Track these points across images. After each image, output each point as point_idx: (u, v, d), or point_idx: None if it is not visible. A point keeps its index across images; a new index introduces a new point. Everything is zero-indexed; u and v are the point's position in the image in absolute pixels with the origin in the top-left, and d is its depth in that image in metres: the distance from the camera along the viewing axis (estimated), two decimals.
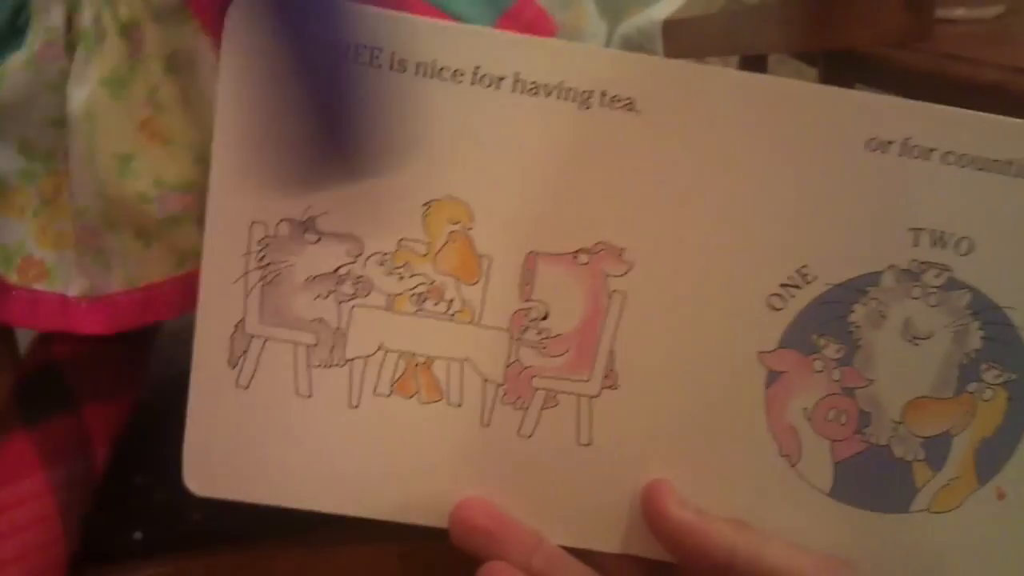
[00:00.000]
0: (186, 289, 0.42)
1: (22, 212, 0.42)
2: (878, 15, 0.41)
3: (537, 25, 0.44)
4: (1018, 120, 0.37)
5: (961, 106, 0.37)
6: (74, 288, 0.43)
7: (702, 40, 0.56)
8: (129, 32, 0.39)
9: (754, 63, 0.70)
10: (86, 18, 0.39)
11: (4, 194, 0.42)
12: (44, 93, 0.40)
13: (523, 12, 0.43)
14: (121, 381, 0.44)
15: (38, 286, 0.43)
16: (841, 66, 0.60)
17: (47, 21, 0.40)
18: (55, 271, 0.43)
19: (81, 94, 0.39)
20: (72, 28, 0.40)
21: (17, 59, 0.40)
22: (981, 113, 0.37)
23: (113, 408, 0.45)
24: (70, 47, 0.40)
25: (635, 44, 0.53)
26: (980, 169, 0.37)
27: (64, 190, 0.42)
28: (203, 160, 0.37)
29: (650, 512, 0.39)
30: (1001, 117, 0.37)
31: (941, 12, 0.38)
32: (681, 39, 0.54)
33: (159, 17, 0.39)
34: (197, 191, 0.40)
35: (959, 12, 0.77)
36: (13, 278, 0.42)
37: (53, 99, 0.40)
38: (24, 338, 0.50)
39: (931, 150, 0.37)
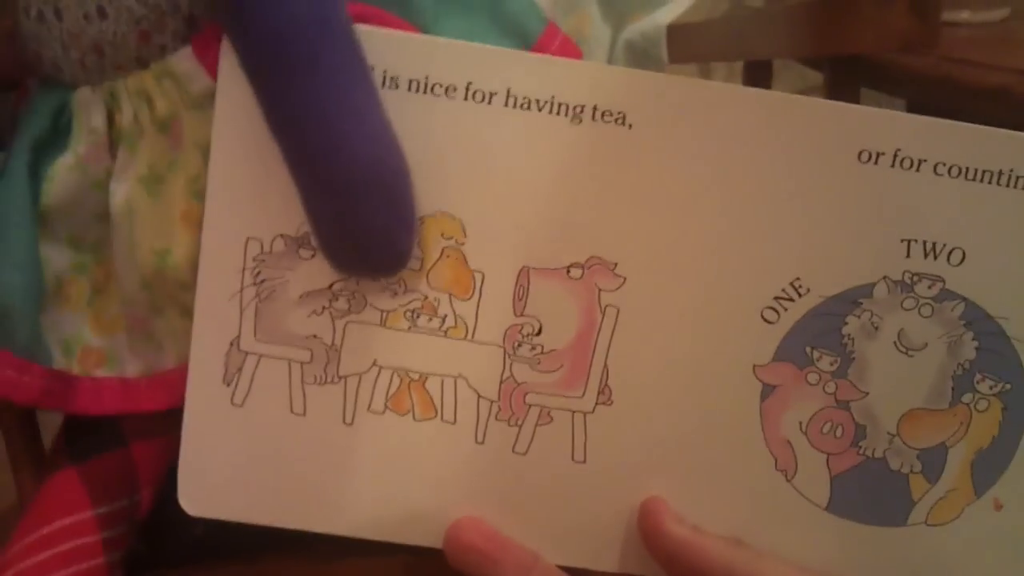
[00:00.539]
0: None
1: (76, 304, 0.43)
2: (884, 21, 0.41)
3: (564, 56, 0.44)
4: (1007, 131, 0.37)
5: (967, 109, 0.37)
6: (131, 370, 0.43)
7: (707, 45, 0.56)
8: (168, 126, 0.40)
9: (759, 68, 0.71)
10: (125, 117, 0.40)
11: (59, 289, 0.43)
12: (91, 191, 0.41)
13: (548, 46, 0.43)
14: (166, 419, 0.44)
15: (98, 373, 0.43)
16: (847, 71, 0.60)
17: (89, 122, 0.40)
18: (111, 356, 0.43)
19: (121, 191, 0.40)
20: (113, 127, 0.41)
21: (64, 162, 0.41)
22: (970, 124, 0.37)
23: (159, 446, 0.45)
24: (112, 146, 0.41)
25: (639, 49, 0.53)
26: (971, 179, 0.37)
27: (112, 278, 0.43)
28: None
29: (646, 529, 0.39)
30: (990, 128, 0.37)
31: (946, 16, 0.38)
32: (686, 44, 0.54)
33: (197, 106, 0.39)
34: None
35: (964, 15, 0.77)
36: (76, 369, 0.43)
37: (98, 195, 0.41)
38: None
39: (922, 161, 0.37)
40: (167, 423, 0.45)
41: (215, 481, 0.40)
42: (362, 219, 0.36)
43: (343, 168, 0.36)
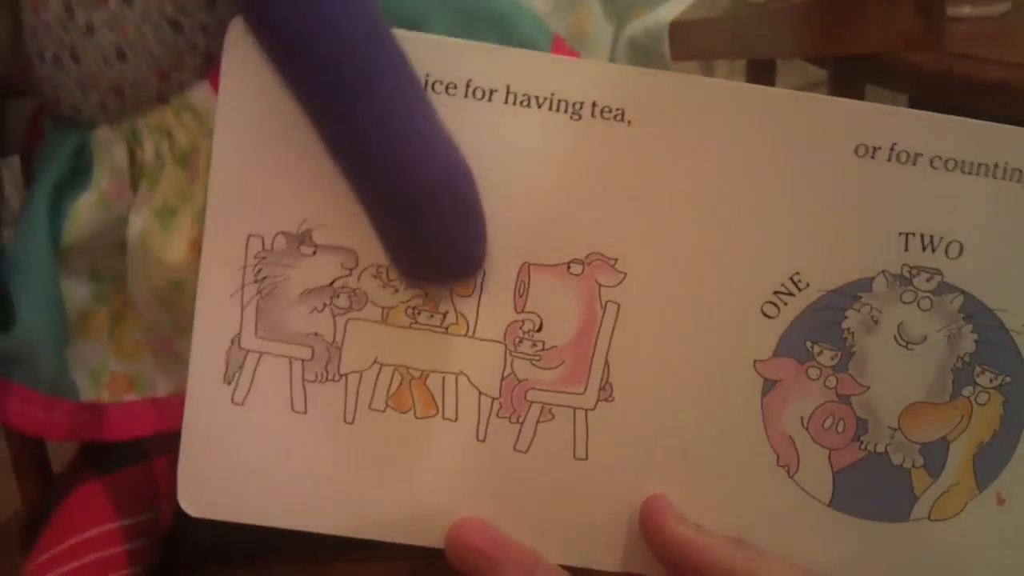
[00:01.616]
0: None
1: (99, 334, 0.44)
2: (890, 21, 0.41)
3: None
4: (1002, 124, 0.38)
5: (969, 104, 0.38)
6: (162, 390, 0.45)
7: (710, 43, 0.57)
8: (188, 159, 0.41)
9: (762, 63, 0.72)
10: (147, 153, 0.41)
11: (83, 321, 0.44)
12: (112, 226, 0.42)
13: None
14: None
15: (128, 397, 0.44)
16: (851, 67, 0.60)
17: (111, 160, 0.41)
18: (140, 379, 0.45)
19: (138, 223, 0.42)
20: (135, 163, 0.42)
21: (87, 200, 0.42)
22: (966, 118, 0.38)
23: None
24: (134, 182, 0.42)
25: (641, 46, 0.54)
26: (967, 173, 0.38)
27: (130, 304, 0.44)
28: None
29: (648, 528, 0.40)
30: (985, 122, 0.38)
31: (947, 11, 0.38)
32: (688, 41, 0.54)
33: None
34: None
35: (965, 10, 0.78)
36: (105, 397, 0.44)
37: (119, 229, 0.43)
38: None
39: (918, 155, 0.38)
40: None
41: (215, 481, 0.40)
42: (436, 234, 0.37)
43: (413, 187, 0.36)
